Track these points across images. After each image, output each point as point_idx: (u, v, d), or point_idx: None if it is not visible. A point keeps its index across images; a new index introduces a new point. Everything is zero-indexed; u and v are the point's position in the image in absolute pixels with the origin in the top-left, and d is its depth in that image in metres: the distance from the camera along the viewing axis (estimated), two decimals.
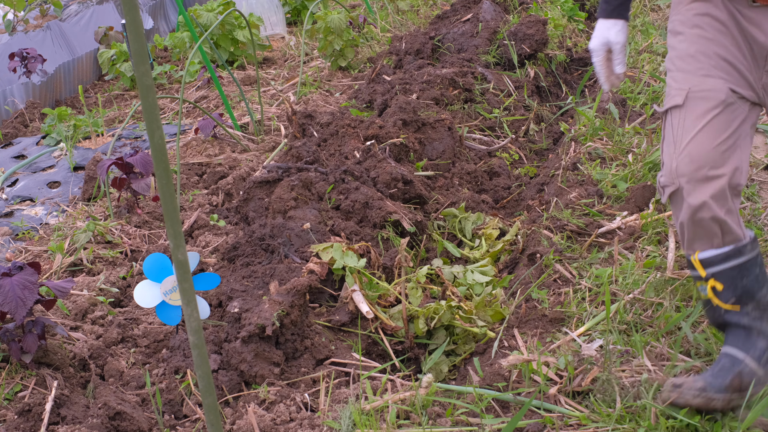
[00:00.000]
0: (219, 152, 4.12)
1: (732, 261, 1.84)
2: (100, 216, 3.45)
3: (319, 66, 5.53)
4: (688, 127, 1.82)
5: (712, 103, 1.81)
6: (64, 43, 5.93)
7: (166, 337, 2.58)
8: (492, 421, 2.02)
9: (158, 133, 1.45)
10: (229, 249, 2.97)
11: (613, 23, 2.00)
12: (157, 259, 2.28)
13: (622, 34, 2.00)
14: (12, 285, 2.16)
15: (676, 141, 1.84)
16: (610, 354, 2.12)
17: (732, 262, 1.84)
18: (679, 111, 1.85)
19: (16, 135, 4.82)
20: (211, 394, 1.72)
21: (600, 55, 2.03)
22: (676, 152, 1.83)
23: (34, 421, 2.09)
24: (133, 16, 1.38)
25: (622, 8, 2.00)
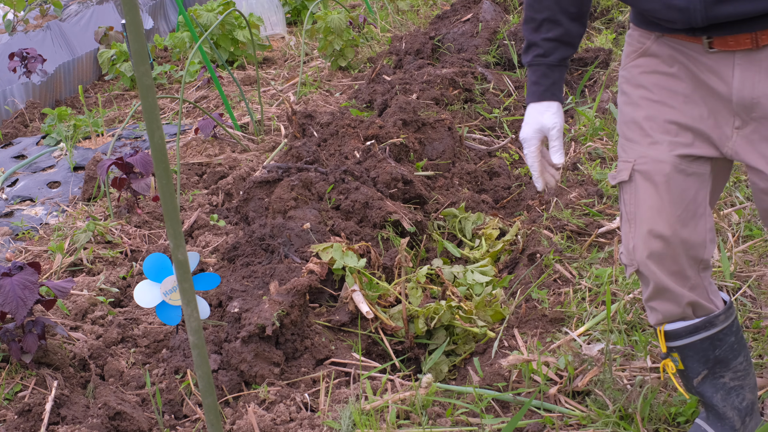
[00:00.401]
0: (219, 152, 4.12)
1: (702, 333, 1.68)
2: (100, 216, 3.45)
3: (319, 66, 5.53)
4: (639, 204, 1.65)
5: (660, 176, 1.61)
6: (64, 43, 5.93)
7: (166, 337, 2.58)
8: (492, 421, 2.02)
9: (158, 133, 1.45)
10: (229, 249, 2.97)
11: (547, 106, 1.73)
12: (157, 259, 2.28)
13: (557, 117, 1.72)
14: (12, 285, 2.16)
15: (630, 219, 1.67)
16: (611, 354, 2.12)
17: (702, 334, 1.69)
18: (628, 186, 1.66)
19: (16, 135, 4.82)
20: (211, 394, 1.72)
21: (533, 145, 1.74)
22: (631, 231, 1.67)
23: (34, 421, 2.09)
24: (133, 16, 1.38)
25: (555, 88, 1.73)
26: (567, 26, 1.70)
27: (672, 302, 1.68)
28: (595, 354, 2.18)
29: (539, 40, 1.71)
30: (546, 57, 1.72)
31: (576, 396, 2.10)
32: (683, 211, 1.61)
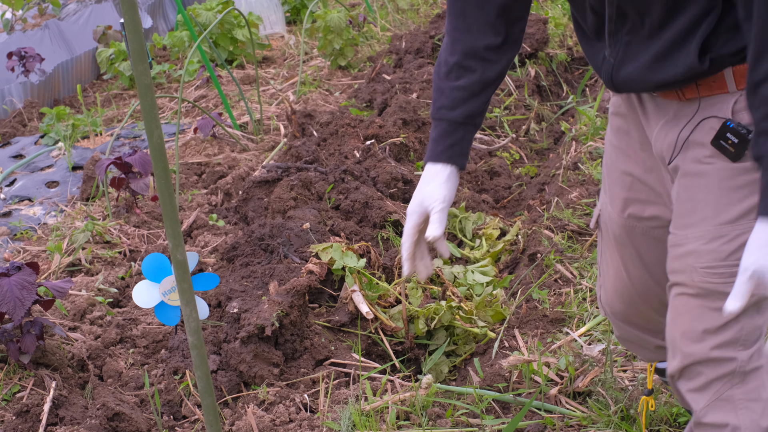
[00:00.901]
0: (218, 152, 4.10)
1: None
2: (98, 216, 3.44)
3: (318, 65, 5.52)
4: (602, 257, 1.63)
5: (615, 239, 1.56)
6: (62, 42, 5.92)
7: (165, 337, 2.57)
8: (492, 422, 2.01)
9: (157, 132, 1.44)
10: (228, 249, 2.96)
11: (438, 171, 1.48)
12: (156, 259, 2.27)
13: (445, 188, 1.47)
14: (10, 285, 2.15)
15: (599, 267, 1.65)
16: (612, 354, 2.11)
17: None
18: (597, 232, 1.64)
19: (14, 134, 4.81)
20: (210, 394, 1.71)
21: (410, 221, 1.50)
22: (599, 278, 1.65)
23: (33, 422, 2.08)
24: (131, 15, 1.37)
25: (455, 150, 1.48)
26: (482, 72, 1.48)
27: (640, 348, 1.69)
28: (596, 354, 2.17)
29: (447, 88, 1.50)
30: (451, 111, 1.49)
31: (577, 397, 2.09)
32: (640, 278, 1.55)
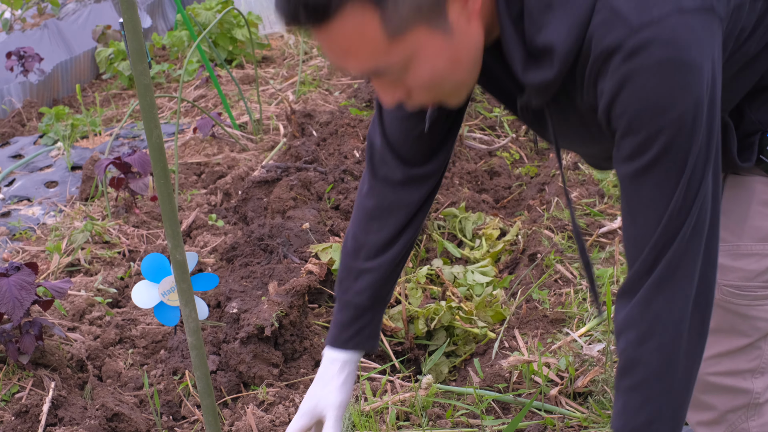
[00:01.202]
0: (217, 152, 4.10)
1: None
2: (97, 216, 3.43)
3: (318, 65, 5.51)
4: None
5: None
6: (61, 42, 5.92)
7: (164, 337, 2.56)
8: (492, 422, 2.01)
9: (156, 132, 1.44)
10: (227, 249, 2.95)
11: (341, 364, 1.37)
12: (155, 260, 2.26)
13: (344, 391, 1.35)
14: (9, 285, 2.14)
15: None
16: (612, 354, 2.11)
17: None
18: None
19: (13, 134, 4.80)
20: (210, 395, 1.70)
21: (300, 423, 1.37)
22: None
23: (32, 423, 2.08)
24: (131, 14, 1.37)
25: (365, 334, 1.39)
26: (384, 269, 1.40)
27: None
28: (596, 354, 2.17)
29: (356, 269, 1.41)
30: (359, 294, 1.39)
31: (577, 397, 2.08)
32: None
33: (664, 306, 1.08)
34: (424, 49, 1.03)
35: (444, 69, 1.06)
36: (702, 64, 1.00)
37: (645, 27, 0.97)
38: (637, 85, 0.99)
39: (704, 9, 1.01)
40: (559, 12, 1.01)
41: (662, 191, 1.05)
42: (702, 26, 1.00)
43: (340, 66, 1.06)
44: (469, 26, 1.05)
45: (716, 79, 1.04)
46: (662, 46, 0.98)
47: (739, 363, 1.32)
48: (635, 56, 0.98)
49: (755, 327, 1.30)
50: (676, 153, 1.03)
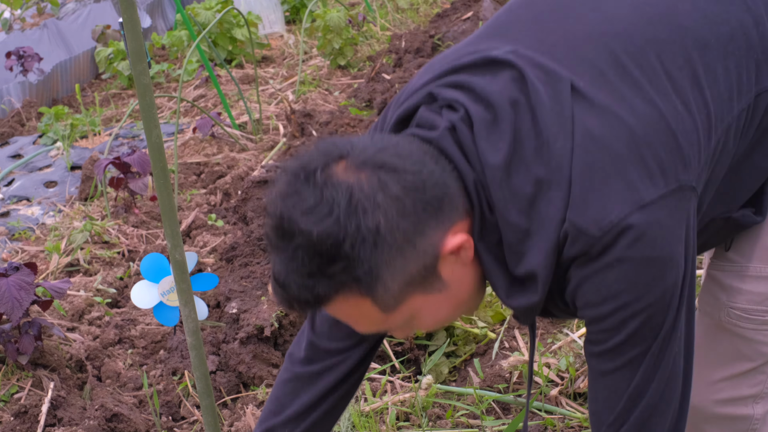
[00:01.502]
0: (217, 151, 4.09)
1: None
2: (97, 216, 3.43)
3: (318, 64, 5.51)
4: None
5: None
6: (61, 42, 5.91)
7: (163, 338, 2.56)
8: (492, 422, 2.00)
9: (156, 132, 1.43)
10: (227, 249, 2.95)
11: None
12: (155, 260, 2.26)
13: None
14: (8, 286, 2.14)
15: None
16: None
17: None
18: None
19: (12, 134, 4.80)
20: (209, 395, 1.70)
21: None
22: None
23: (31, 423, 2.07)
24: (130, 14, 1.36)
25: None
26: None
27: None
28: None
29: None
30: None
31: (577, 398, 2.08)
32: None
33: None
34: (422, 310, 1.07)
35: (447, 314, 1.11)
36: (669, 254, 1.01)
37: (606, 233, 0.99)
38: (599, 283, 1.02)
39: (669, 193, 1.00)
40: (536, 238, 1.02)
41: (624, 374, 1.07)
42: (669, 212, 1.00)
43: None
44: (466, 270, 1.07)
45: (689, 257, 1.04)
46: (622, 247, 0.99)
47: (741, 389, 1.30)
48: (597, 258, 1.00)
49: (760, 352, 1.28)
50: (642, 341, 1.04)
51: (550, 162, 1.00)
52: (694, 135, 1.04)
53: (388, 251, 0.98)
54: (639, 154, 1.00)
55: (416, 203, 0.99)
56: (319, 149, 1.02)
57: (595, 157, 1.00)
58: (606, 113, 1.01)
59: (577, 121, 1.01)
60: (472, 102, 1.05)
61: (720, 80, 1.08)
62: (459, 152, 1.04)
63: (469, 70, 1.08)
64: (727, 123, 1.09)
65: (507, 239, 1.05)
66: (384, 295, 1.01)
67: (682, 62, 1.06)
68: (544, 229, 1.01)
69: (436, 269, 1.03)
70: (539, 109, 1.01)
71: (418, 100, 1.10)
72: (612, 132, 1.01)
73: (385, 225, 0.97)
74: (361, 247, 0.96)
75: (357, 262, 0.97)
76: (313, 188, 0.98)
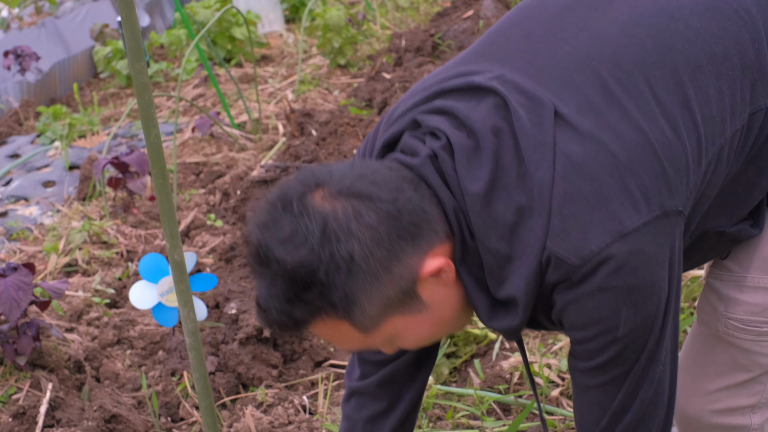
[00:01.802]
0: (216, 151, 4.08)
1: None
2: (95, 216, 3.42)
3: (317, 63, 5.50)
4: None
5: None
6: (59, 41, 5.89)
7: (162, 338, 2.55)
8: (493, 423, 2.00)
9: (154, 131, 1.42)
10: (226, 249, 2.94)
11: None
12: (154, 260, 2.24)
13: None
14: (6, 286, 2.13)
15: None
16: None
17: None
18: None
19: (10, 134, 4.78)
20: (208, 396, 1.69)
21: None
22: None
23: (29, 424, 2.07)
24: (129, 12, 1.35)
25: None
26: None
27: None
28: None
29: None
30: None
31: None
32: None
33: None
34: (403, 330, 1.09)
35: (430, 333, 1.12)
36: (651, 281, 1.02)
37: (585, 263, 1.00)
38: (581, 309, 1.03)
39: (653, 220, 1.00)
40: (517, 263, 1.03)
41: (608, 391, 1.09)
42: (652, 239, 1.01)
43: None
44: (448, 291, 1.08)
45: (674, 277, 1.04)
46: (603, 276, 1.00)
47: (738, 399, 1.29)
48: (578, 286, 1.01)
49: (757, 363, 1.27)
50: (625, 362, 1.06)
51: (531, 190, 1.01)
52: (682, 160, 1.04)
53: (363, 278, 1.00)
54: (622, 182, 1.00)
55: (391, 231, 1.01)
56: (298, 178, 1.05)
57: (576, 185, 1.00)
58: (589, 140, 1.01)
59: (559, 148, 1.01)
60: (454, 129, 1.06)
61: (712, 103, 1.07)
62: (439, 180, 1.05)
63: (453, 95, 1.09)
64: (719, 145, 1.08)
65: (488, 264, 1.06)
66: (361, 317, 1.03)
67: (672, 86, 1.05)
68: (526, 255, 1.02)
69: (416, 291, 1.05)
70: (521, 137, 1.02)
71: (403, 126, 1.11)
72: (595, 159, 1.01)
73: (359, 253, 0.99)
74: (336, 274, 0.99)
75: (332, 288, 0.99)
76: (289, 217, 1.00)
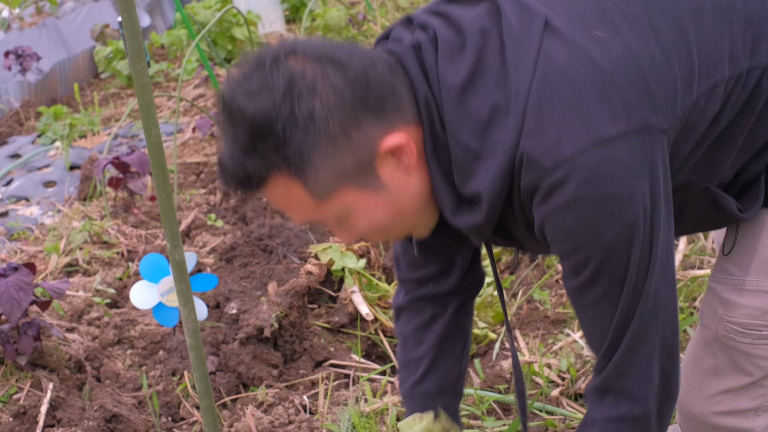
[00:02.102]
0: (217, 151, 4.09)
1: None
2: (96, 216, 3.42)
3: None
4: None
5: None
6: (59, 41, 5.90)
7: (163, 338, 2.55)
8: (493, 423, 2.00)
9: (155, 131, 1.43)
10: (226, 249, 2.94)
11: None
12: (154, 260, 2.25)
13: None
14: (7, 286, 2.13)
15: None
16: None
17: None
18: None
19: (11, 134, 4.79)
20: (209, 396, 1.69)
21: None
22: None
23: (30, 424, 2.07)
24: (129, 13, 1.36)
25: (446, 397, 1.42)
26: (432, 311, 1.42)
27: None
28: None
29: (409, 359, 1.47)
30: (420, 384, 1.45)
31: (578, 398, 2.07)
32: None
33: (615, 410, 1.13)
34: (356, 206, 1.08)
35: (385, 218, 1.10)
36: (627, 191, 1.00)
37: (558, 167, 0.99)
38: (556, 223, 1.03)
39: (631, 132, 0.99)
40: (486, 161, 1.04)
41: (603, 307, 1.08)
42: (629, 150, 0.99)
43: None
44: (409, 177, 1.08)
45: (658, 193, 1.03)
46: (575, 186, 0.99)
47: (742, 401, 1.28)
48: (550, 197, 1.01)
49: (759, 366, 1.26)
50: (610, 274, 1.05)
51: (509, 90, 1.01)
52: (670, 83, 1.03)
53: (320, 138, 1.01)
54: (603, 90, 1.00)
55: (355, 97, 1.02)
56: (278, 42, 1.07)
57: (555, 89, 1.00)
58: (576, 49, 1.02)
59: (543, 53, 1.01)
60: (444, 27, 1.08)
61: (710, 42, 1.07)
62: (417, 69, 1.07)
63: (451, 2, 1.12)
64: (713, 82, 1.07)
65: (456, 159, 1.06)
66: (314, 180, 1.03)
67: (670, 18, 1.06)
68: (495, 153, 1.02)
69: (373, 167, 1.05)
70: (507, 39, 1.03)
71: (398, 23, 1.15)
72: (578, 67, 1.01)
73: (319, 112, 1.00)
74: (293, 129, 0.99)
75: (287, 142, 1.00)
76: (260, 73, 1.03)
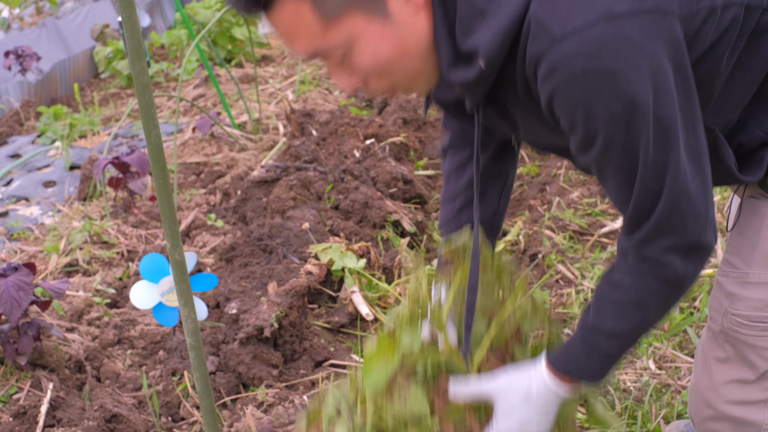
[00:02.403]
0: (217, 151, 4.08)
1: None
2: (96, 216, 3.42)
3: (318, 63, 5.50)
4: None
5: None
6: (59, 41, 5.90)
7: (163, 338, 2.55)
8: None
9: (155, 131, 1.42)
10: (226, 249, 2.94)
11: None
12: (154, 260, 2.25)
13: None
14: (7, 286, 2.13)
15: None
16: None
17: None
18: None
19: (11, 134, 4.79)
20: (209, 396, 1.69)
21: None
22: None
23: (30, 424, 2.07)
24: (129, 13, 1.36)
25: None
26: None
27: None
28: None
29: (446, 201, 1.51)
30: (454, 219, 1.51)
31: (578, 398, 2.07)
32: None
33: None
34: (363, 34, 1.07)
35: (389, 55, 1.09)
36: (635, 68, 1.00)
37: (567, 37, 0.99)
38: (565, 96, 1.02)
39: (643, 12, 0.99)
40: (490, 19, 1.04)
41: (622, 177, 1.08)
42: (640, 29, 0.99)
43: (288, 48, 1.12)
44: (416, 17, 1.08)
45: (665, 71, 1.01)
46: (583, 58, 0.99)
47: (752, 392, 1.29)
48: (558, 68, 1.00)
49: (765, 357, 1.26)
50: (622, 147, 1.04)
51: None
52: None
53: None
54: None
55: None
56: None
57: None
58: None
59: None
60: None
61: None
62: None
63: None
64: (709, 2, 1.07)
65: (461, 13, 1.06)
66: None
67: None
68: (501, 12, 1.03)
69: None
70: None
71: None
72: None
73: None
74: None
75: None
76: None
